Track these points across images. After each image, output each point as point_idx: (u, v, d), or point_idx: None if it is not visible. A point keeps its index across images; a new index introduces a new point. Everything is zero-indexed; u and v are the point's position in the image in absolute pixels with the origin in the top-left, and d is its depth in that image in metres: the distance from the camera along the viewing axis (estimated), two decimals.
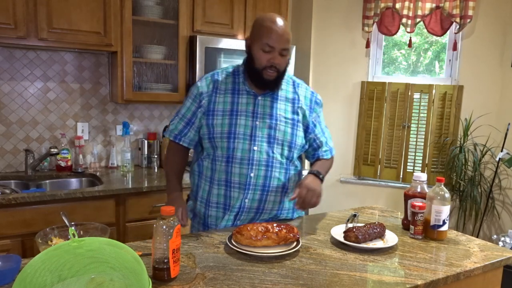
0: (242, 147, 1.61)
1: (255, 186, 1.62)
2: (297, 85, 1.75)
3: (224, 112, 1.64)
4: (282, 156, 1.65)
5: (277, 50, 1.55)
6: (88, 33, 2.44)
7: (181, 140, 1.73)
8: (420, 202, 1.55)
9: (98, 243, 0.97)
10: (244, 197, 1.63)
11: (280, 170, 1.65)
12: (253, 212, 1.66)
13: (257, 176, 1.62)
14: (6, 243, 2.10)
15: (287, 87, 1.72)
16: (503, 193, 3.20)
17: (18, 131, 2.64)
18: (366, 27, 3.25)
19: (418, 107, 3.29)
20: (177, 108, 3.12)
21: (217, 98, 1.66)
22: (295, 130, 1.68)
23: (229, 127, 1.62)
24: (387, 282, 1.19)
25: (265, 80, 1.60)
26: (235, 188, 1.63)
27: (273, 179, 1.64)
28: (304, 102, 1.72)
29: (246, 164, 1.61)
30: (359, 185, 3.45)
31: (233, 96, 1.66)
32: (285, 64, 1.62)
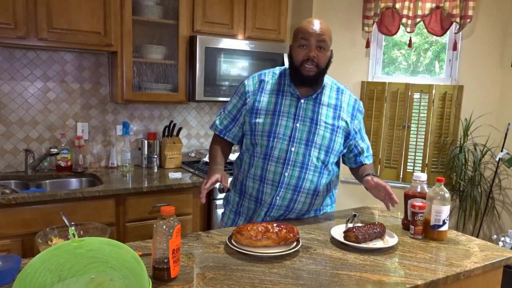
0: (280, 146, 1.66)
1: (288, 185, 1.67)
2: (341, 91, 1.77)
3: (267, 111, 1.70)
4: (318, 160, 1.69)
5: (312, 42, 1.60)
6: (88, 33, 2.44)
7: (226, 135, 1.81)
8: (420, 202, 1.55)
9: (98, 243, 0.97)
10: (276, 194, 1.68)
11: (314, 173, 1.69)
12: (282, 210, 1.71)
13: (291, 176, 1.66)
14: (6, 243, 2.10)
15: (331, 93, 1.74)
16: (503, 193, 3.20)
17: (18, 131, 2.64)
18: (366, 27, 3.25)
19: (418, 107, 3.29)
20: (177, 108, 3.13)
21: (262, 97, 1.72)
22: (334, 136, 1.70)
23: (270, 127, 1.68)
24: (387, 282, 1.19)
25: (304, 76, 1.63)
26: (268, 185, 1.68)
27: (306, 181, 1.68)
28: (347, 109, 1.74)
29: (281, 163, 1.66)
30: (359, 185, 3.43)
31: (277, 96, 1.71)
32: (324, 59, 1.63)
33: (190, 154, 3.15)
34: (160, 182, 2.53)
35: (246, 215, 1.78)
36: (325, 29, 1.62)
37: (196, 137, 3.25)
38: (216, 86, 2.81)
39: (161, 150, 2.99)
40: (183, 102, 2.83)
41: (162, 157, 2.99)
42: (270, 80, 1.75)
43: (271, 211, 1.70)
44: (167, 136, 2.99)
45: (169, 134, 3.00)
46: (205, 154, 2.99)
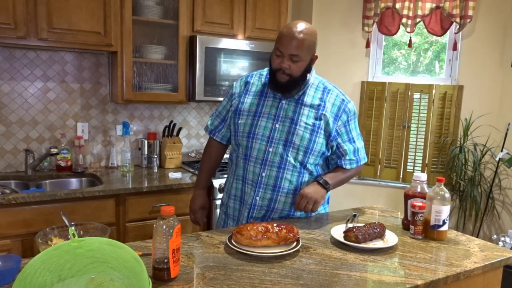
0: (258, 147, 1.70)
1: (266, 186, 1.69)
2: (327, 91, 1.74)
3: (249, 112, 1.74)
4: (295, 160, 1.69)
5: (285, 55, 1.60)
6: (88, 33, 2.44)
7: (215, 135, 1.89)
8: (420, 202, 1.55)
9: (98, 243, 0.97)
10: (255, 194, 1.71)
11: (292, 173, 1.69)
12: (264, 210, 1.72)
13: (269, 176, 1.68)
14: (6, 243, 2.10)
15: (316, 93, 1.72)
16: (503, 193, 3.20)
17: (18, 131, 2.64)
18: (366, 27, 3.25)
19: (418, 107, 3.29)
20: (177, 108, 3.13)
21: (246, 98, 1.77)
22: (314, 136, 1.68)
23: (250, 127, 1.72)
24: (387, 282, 1.19)
25: (277, 82, 1.66)
26: (249, 185, 1.73)
27: (284, 180, 1.69)
28: (330, 109, 1.70)
29: (259, 163, 1.69)
30: (359, 185, 3.45)
31: (260, 98, 1.75)
32: (297, 70, 1.62)
33: (190, 154, 3.15)
34: (160, 182, 2.53)
35: (233, 215, 1.81)
36: (302, 41, 1.58)
37: (196, 137, 3.25)
38: (216, 86, 2.81)
39: (161, 150, 2.99)
40: (183, 102, 2.83)
41: (162, 157, 2.99)
42: (255, 81, 1.79)
43: (253, 211, 1.72)
44: (167, 136, 2.99)
45: (169, 134, 3.00)
46: None
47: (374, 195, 3.42)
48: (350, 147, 1.74)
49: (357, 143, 1.77)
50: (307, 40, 1.60)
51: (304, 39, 1.58)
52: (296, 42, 1.58)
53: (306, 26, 1.61)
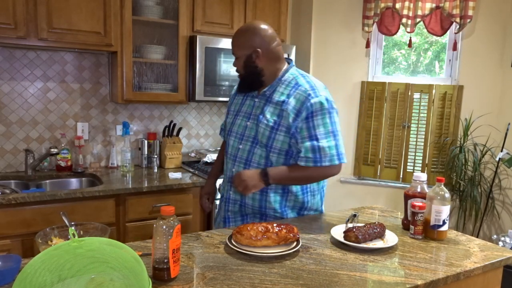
0: (232, 144, 1.80)
1: None
2: (296, 87, 1.68)
3: (233, 112, 1.85)
4: (260, 157, 1.71)
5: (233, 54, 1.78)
6: (88, 33, 2.44)
7: (222, 134, 2.04)
8: (420, 202, 1.55)
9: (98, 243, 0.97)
10: (229, 189, 1.81)
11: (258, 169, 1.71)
12: (238, 205, 1.79)
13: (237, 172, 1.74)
14: (6, 243, 2.10)
15: (285, 90, 1.69)
16: (503, 193, 3.20)
17: (18, 131, 2.64)
18: (366, 27, 3.25)
19: (418, 107, 3.29)
20: (177, 108, 3.13)
21: (234, 100, 1.89)
22: (273, 134, 1.66)
23: (230, 126, 1.84)
24: (387, 282, 1.19)
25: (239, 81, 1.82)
26: (226, 181, 1.85)
27: None
28: (293, 106, 1.64)
29: (232, 160, 1.79)
30: (359, 185, 3.45)
31: (244, 98, 1.84)
32: (239, 66, 1.75)
33: (190, 154, 3.15)
34: (160, 182, 2.53)
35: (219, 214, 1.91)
36: (236, 41, 1.75)
37: (196, 137, 3.25)
38: (216, 86, 2.81)
39: (161, 150, 2.99)
40: (183, 102, 2.83)
41: (162, 157, 2.99)
42: None
43: (228, 205, 1.81)
44: (167, 136, 2.99)
45: (169, 134, 3.00)
46: (205, 154, 2.99)
47: (374, 195, 3.41)
48: (307, 144, 1.62)
49: (322, 141, 1.62)
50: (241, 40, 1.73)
51: (238, 39, 1.74)
52: (233, 44, 1.77)
53: (244, 26, 1.77)
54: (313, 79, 1.72)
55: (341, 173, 1.91)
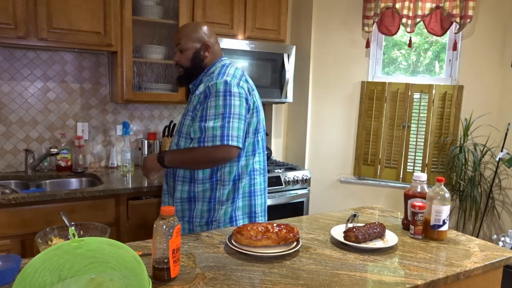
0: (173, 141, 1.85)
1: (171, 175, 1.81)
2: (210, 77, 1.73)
3: None
4: (173, 145, 1.79)
5: (174, 48, 1.81)
6: (88, 33, 2.44)
7: None
8: (420, 202, 1.55)
9: (98, 243, 0.97)
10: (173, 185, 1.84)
11: None
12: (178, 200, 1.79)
13: None
14: (6, 243, 2.10)
15: (207, 82, 1.71)
16: (503, 193, 3.20)
17: (18, 131, 2.64)
18: (366, 27, 3.25)
19: (418, 107, 3.29)
20: (177, 108, 3.13)
21: None
22: (184, 120, 1.75)
23: None
24: (387, 282, 1.19)
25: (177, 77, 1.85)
26: None
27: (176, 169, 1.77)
28: (200, 91, 1.69)
29: None
30: (359, 185, 3.45)
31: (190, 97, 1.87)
32: (184, 60, 1.78)
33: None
34: (160, 182, 2.53)
35: None
36: (182, 31, 1.77)
37: None
38: None
39: (161, 150, 2.99)
40: (183, 102, 2.83)
41: None
42: None
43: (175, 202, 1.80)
44: (167, 136, 2.99)
45: (169, 134, 3.00)
46: None
47: (374, 195, 3.42)
48: (197, 125, 1.64)
49: (209, 122, 1.60)
50: (188, 29, 1.77)
51: (185, 30, 1.77)
52: (178, 34, 1.78)
53: (188, 23, 1.82)
54: (231, 68, 1.74)
55: (341, 173, 1.91)
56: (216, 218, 1.74)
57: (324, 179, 3.45)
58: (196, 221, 1.75)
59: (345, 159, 3.48)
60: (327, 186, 3.47)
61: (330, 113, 3.47)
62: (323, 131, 3.47)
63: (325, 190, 3.43)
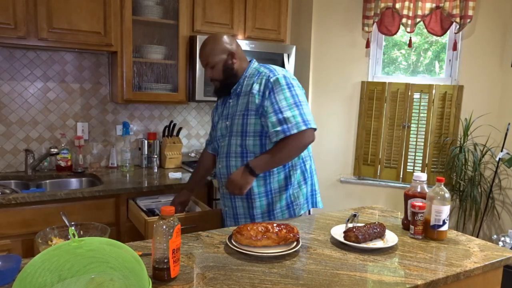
0: (218, 146, 1.96)
1: (223, 175, 1.90)
2: (257, 75, 1.83)
3: (216, 122, 1.99)
4: (236, 146, 1.84)
5: (204, 67, 1.90)
6: (88, 33, 2.44)
7: (207, 147, 2.17)
8: (420, 202, 1.55)
9: (98, 243, 0.97)
10: (221, 184, 1.93)
11: (235, 159, 1.84)
12: (228, 197, 1.90)
13: (222, 167, 1.90)
14: (6, 243, 2.10)
15: (250, 81, 1.85)
16: (503, 193, 3.20)
17: (18, 131, 2.64)
18: (366, 27, 3.25)
19: (418, 107, 3.29)
20: (177, 108, 3.13)
21: (217, 112, 2.02)
22: (245, 120, 1.80)
23: (215, 133, 2.00)
24: (387, 282, 1.19)
25: (214, 90, 1.94)
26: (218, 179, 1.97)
27: (231, 167, 1.85)
28: (258, 89, 1.78)
29: (219, 158, 1.94)
30: (359, 185, 3.45)
31: (222, 106, 1.98)
32: (218, 74, 1.86)
33: (190, 154, 3.15)
34: (160, 182, 2.53)
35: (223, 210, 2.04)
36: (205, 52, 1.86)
37: (196, 137, 3.25)
38: None
39: (161, 150, 2.99)
40: (183, 102, 2.83)
41: (162, 157, 2.99)
42: None
43: (224, 200, 1.93)
44: (167, 136, 2.99)
45: (169, 134, 3.00)
46: None
47: (374, 195, 3.42)
48: (273, 118, 1.71)
49: (286, 112, 1.70)
50: (210, 45, 1.85)
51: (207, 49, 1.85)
52: (203, 55, 1.87)
53: (208, 38, 1.90)
54: (273, 66, 1.87)
55: (341, 173, 1.93)
56: (296, 201, 1.87)
57: (324, 179, 3.45)
58: (277, 212, 1.84)
59: (345, 159, 3.48)
60: (327, 186, 3.47)
61: (330, 113, 3.46)
62: (323, 131, 3.47)
63: (325, 190, 3.43)
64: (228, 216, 1.94)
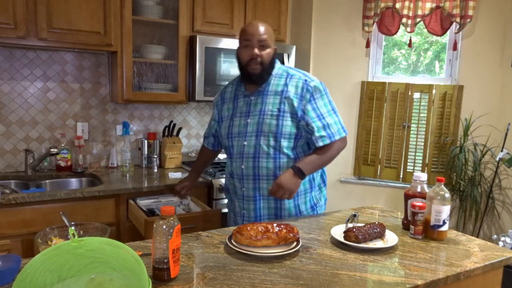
0: (237, 144, 1.86)
1: (248, 176, 1.84)
2: (290, 76, 1.82)
3: (227, 117, 1.91)
4: (268, 147, 1.79)
5: (254, 42, 1.75)
6: (88, 33, 2.44)
7: (205, 142, 2.14)
8: (420, 202, 1.55)
9: (98, 243, 0.97)
10: (242, 186, 1.87)
11: (267, 160, 1.80)
12: (252, 200, 1.85)
13: (247, 167, 1.83)
14: (6, 243, 2.10)
15: (279, 81, 1.82)
16: (503, 193, 3.20)
17: (18, 131, 2.64)
18: (366, 27, 3.25)
19: (418, 107, 3.29)
20: (177, 108, 3.13)
21: (224, 106, 1.94)
22: (280, 121, 1.77)
23: (228, 129, 1.89)
24: (387, 282, 1.19)
25: (250, 74, 1.78)
26: (236, 179, 1.89)
27: (261, 169, 1.81)
28: (294, 92, 1.78)
29: (239, 157, 1.85)
30: (359, 185, 3.45)
31: (234, 101, 1.90)
32: (267, 57, 1.77)
33: (190, 154, 3.15)
34: (160, 182, 2.53)
35: (232, 209, 2.00)
36: (265, 29, 1.76)
37: (196, 137, 3.25)
38: (216, 86, 2.81)
39: (161, 150, 2.99)
40: (183, 102, 2.83)
41: (162, 157, 2.99)
42: (229, 89, 1.96)
43: (243, 202, 1.88)
44: (167, 136, 2.99)
45: (169, 134, 3.00)
46: None
47: (374, 195, 3.42)
48: (318, 123, 1.76)
49: (328, 119, 1.79)
50: (270, 30, 1.78)
51: (267, 28, 1.77)
52: (262, 30, 1.75)
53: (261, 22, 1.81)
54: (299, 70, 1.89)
55: (341, 173, 1.93)
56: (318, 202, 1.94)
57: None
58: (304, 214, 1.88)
59: (345, 159, 3.48)
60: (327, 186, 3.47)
61: None
62: None
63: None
64: (246, 219, 1.89)
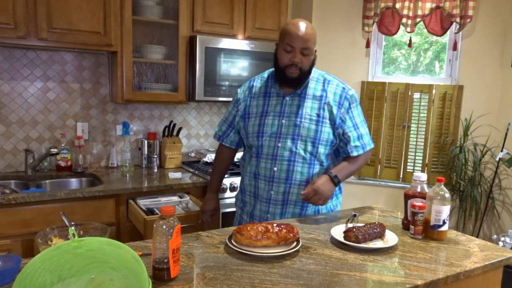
0: (268, 144, 1.78)
1: (279, 179, 1.77)
2: (328, 82, 1.81)
3: (256, 114, 1.83)
4: (305, 152, 1.76)
5: (297, 49, 1.68)
6: (88, 33, 2.44)
7: (224, 140, 1.99)
8: (420, 202, 1.54)
9: (98, 243, 0.97)
10: (270, 188, 1.80)
11: (302, 165, 1.76)
12: (279, 204, 1.80)
13: (280, 170, 1.77)
14: (6, 243, 2.10)
15: (317, 85, 1.80)
16: (503, 193, 3.20)
17: (18, 131, 2.64)
18: (366, 27, 3.25)
19: (418, 107, 3.29)
20: (177, 108, 3.13)
21: (252, 102, 1.86)
22: (319, 127, 1.75)
23: (258, 127, 1.81)
24: (387, 282, 1.19)
25: (288, 78, 1.73)
26: (262, 180, 1.81)
27: (295, 173, 1.76)
28: (332, 98, 1.77)
29: (270, 159, 1.78)
30: (359, 185, 3.45)
31: (265, 98, 1.84)
32: (307, 63, 1.72)
33: (190, 154, 3.15)
34: (160, 182, 2.53)
35: (248, 211, 1.92)
36: (310, 34, 1.69)
37: (196, 137, 3.25)
38: (216, 86, 2.81)
39: (161, 150, 2.99)
40: (183, 102, 2.83)
41: (162, 157, 2.99)
42: (258, 84, 1.88)
43: (268, 205, 1.81)
44: (167, 136, 2.99)
45: (169, 134, 3.00)
46: (205, 154, 2.99)
47: (374, 195, 3.42)
48: (354, 133, 1.79)
49: (361, 129, 1.81)
50: (314, 35, 1.71)
51: (312, 33, 1.70)
52: (307, 36, 1.68)
53: (308, 23, 1.72)
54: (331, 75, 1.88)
55: None
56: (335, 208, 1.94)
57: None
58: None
59: None
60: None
61: None
62: None
63: None
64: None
